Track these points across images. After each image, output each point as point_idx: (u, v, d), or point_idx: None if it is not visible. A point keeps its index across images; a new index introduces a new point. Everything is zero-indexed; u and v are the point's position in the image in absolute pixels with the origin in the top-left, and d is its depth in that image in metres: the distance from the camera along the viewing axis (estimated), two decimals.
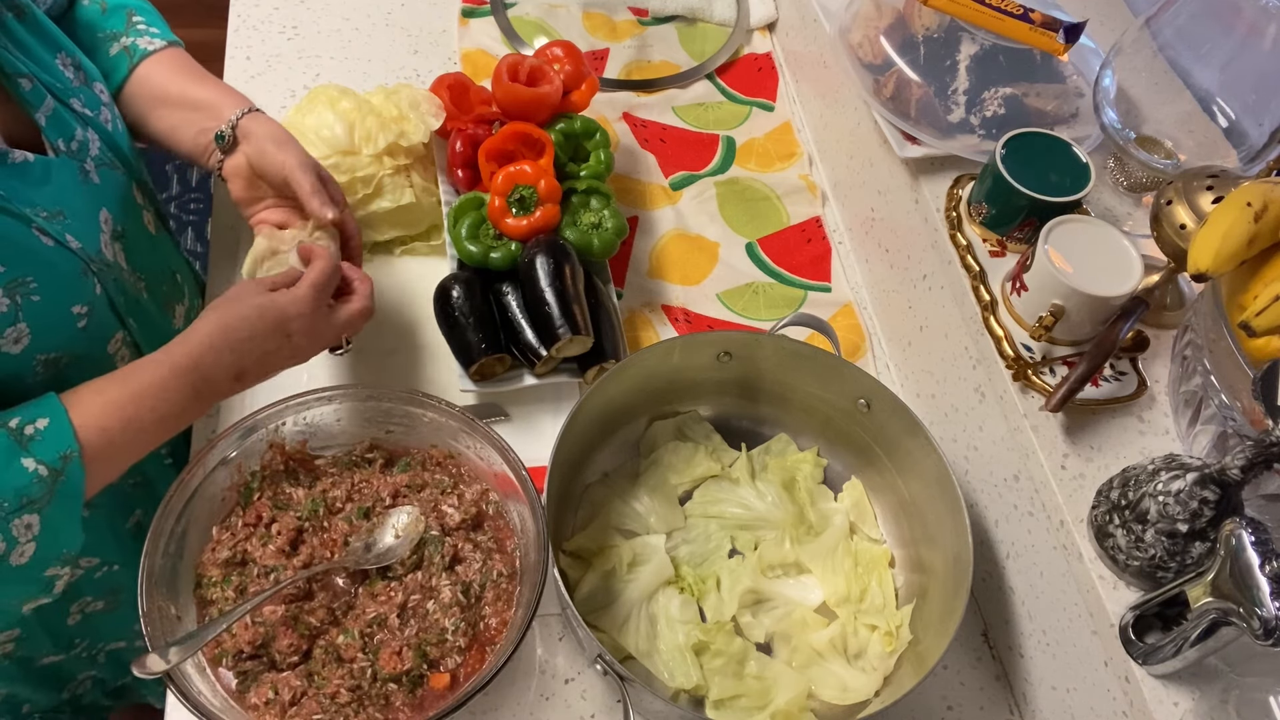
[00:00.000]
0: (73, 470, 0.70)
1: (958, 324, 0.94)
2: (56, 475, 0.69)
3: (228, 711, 0.74)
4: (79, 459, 0.70)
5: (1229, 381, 0.73)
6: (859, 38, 1.06)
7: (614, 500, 0.92)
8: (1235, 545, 0.63)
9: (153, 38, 0.94)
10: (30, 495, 0.68)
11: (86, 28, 0.92)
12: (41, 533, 0.69)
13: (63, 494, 0.69)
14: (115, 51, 0.92)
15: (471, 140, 1.04)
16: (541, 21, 1.32)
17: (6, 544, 0.68)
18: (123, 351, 0.83)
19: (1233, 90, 0.86)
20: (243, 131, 0.89)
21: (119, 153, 0.85)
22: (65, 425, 0.70)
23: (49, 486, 0.69)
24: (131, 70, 0.91)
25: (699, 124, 1.27)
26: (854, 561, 0.91)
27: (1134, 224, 0.94)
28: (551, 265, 0.95)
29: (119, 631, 0.97)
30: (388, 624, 0.80)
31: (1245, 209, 0.70)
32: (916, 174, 1.00)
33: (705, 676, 0.84)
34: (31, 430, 0.69)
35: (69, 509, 0.70)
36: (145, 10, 0.97)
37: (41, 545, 0.70)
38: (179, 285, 0.96)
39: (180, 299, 0.96)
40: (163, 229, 0.95)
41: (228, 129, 0.89)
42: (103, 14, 0.93)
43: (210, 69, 0.96)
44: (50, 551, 0.71)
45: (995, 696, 0.90)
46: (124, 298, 0.83)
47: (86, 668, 0.98)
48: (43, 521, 0.69)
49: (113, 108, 0.86)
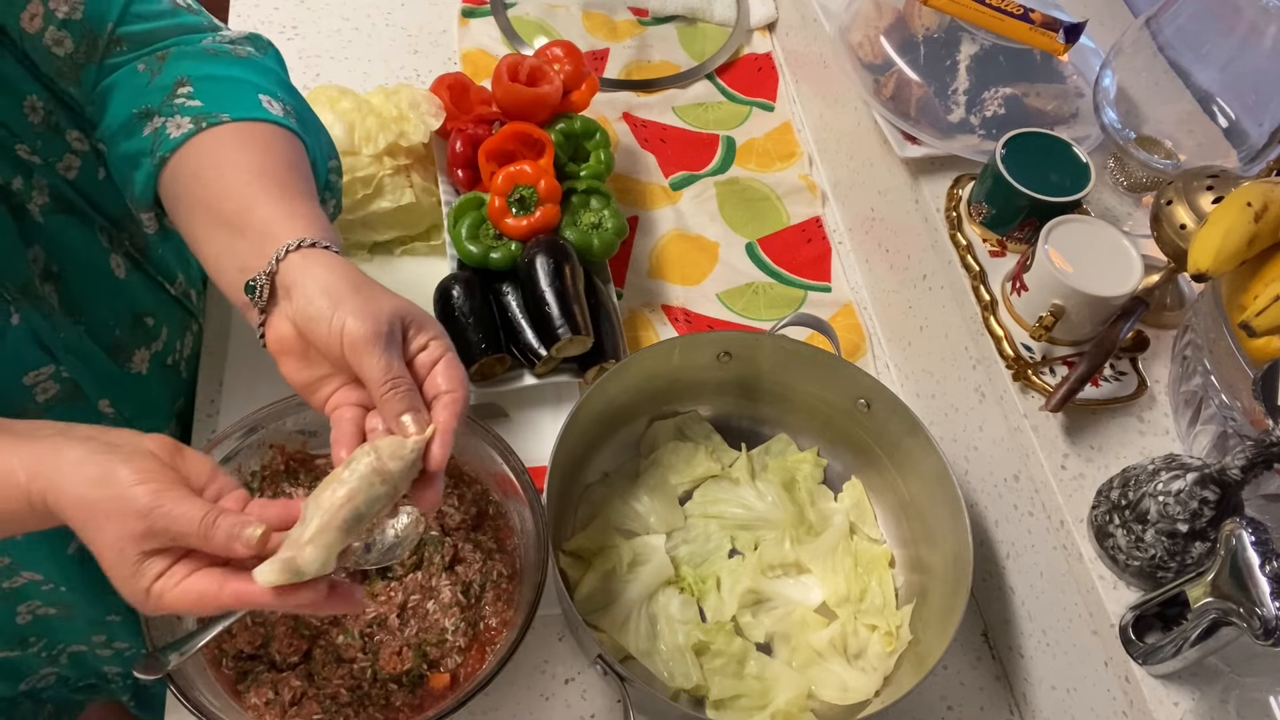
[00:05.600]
0: None
1: (958, 324, 0.94)
2: None
3: (228, 711, 0.74)
4: None
5: (1229, 381, 0.73)
6: (859, 38, 1.06)
7: (614, 500, 0.92)
8: (1235, 545, 0.63)
9: (190, 115, 0.68)
10: None
11: (124, 100, 0.72)
12: None
13: None
14: (146, 134, 0.69)
15: (471, 140, 1.04)
16: (541, 21, 1.32)
17: None
18: (46, 384, 0.75)
19: (1233, 90, 0.86)
20: (285, 281, 0.62)
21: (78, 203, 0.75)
22: None
23: None
24: (162, 164, 0.68)
25: (699, 124, 1.27)
26: (854, 561, 0.91)
27: (1134, 224, 0.94)
28: (551, 265, 0.95)
29: (77, 637, 0.94)
30: (388, 624, 0.80)
31: (1245, 209, 0.70)
32: (916, 174, 1.00)
33: (705, 676, 0.84)
34: None
35: None
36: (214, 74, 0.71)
37: None
38: (147, 329, 0.87)
39: (146, 344, 0.86)
40: (137, 271, 0.84)
41: (262, 277, 0.62)
42: (147, 85, 0.71)
43: None
44: None
45: (995, 696, 0.90)
46: (55, 335, 0.75)
47: (46, 665, 0.95)
48: None
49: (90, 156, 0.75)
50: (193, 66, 0.72)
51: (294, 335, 0.63)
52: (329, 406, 0.65)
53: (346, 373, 0.63)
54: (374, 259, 1.07)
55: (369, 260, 1.07)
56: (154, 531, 0.57)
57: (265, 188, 0.65)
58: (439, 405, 0.63)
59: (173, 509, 0.57)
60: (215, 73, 0.72)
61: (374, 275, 0.88)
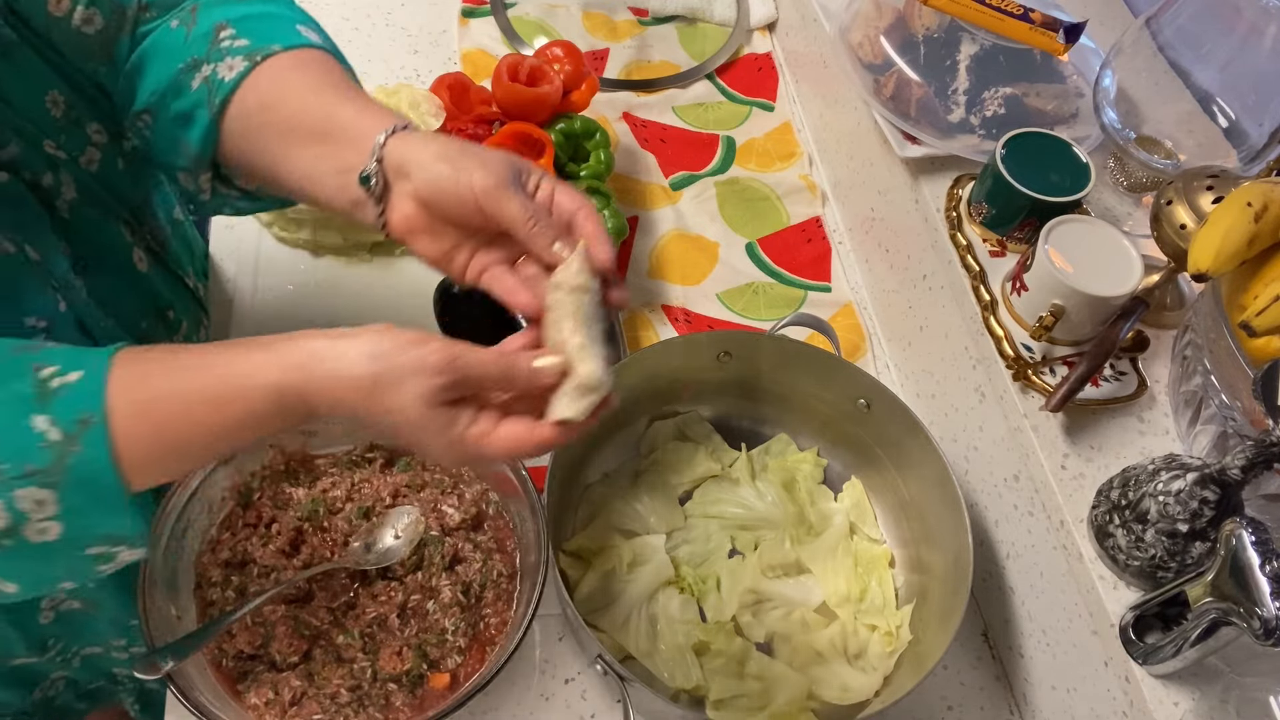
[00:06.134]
0: (91, 441, 0.55)
1: (958, 324, 0.94)
2: (69, 443, 0.55)
3: (227, 711, 0.74)
4: (103, 428, 0.55)
5: (1229, 381, 0.73)
6: (859, 38, 1.06)
7: (614, 500, 0.92)
8: (1235, 545, 0.63)
9: (241, 54, 0.69)
10: (35, 463, 0.55)
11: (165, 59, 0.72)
12: (63, 513, 0.55)
13: (79, 471, 0.55)
14: (197, 86, 0.70)
15: (472, 140, 1.04)
16: (541, 21, 1.32)
17: (14, 518, 0.55)
18: None
19: (1233, 90, 0.86)
20: (395, 163, 0.65)
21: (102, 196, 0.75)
22: (98, 384, 0.56)
23: (59, 456, 0.55)
24: (222, 108, 0.69)
25: (699, 124, 1.27)
26: (854, 561, 0.91)
27: (1134, 224, 0.94)
28: None
29: (96, 637, 0.93)
30: (388, 624, 0.80)
31: (1245, 209, 0.70)
32: (916, 174, 1.00)
33: (705, 676, 0.84)
34: (60, 383, 0.56)
35: (94, 491, 0.56)
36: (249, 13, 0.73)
37: (69, 526, 0.56)
38: (170, 321, 0.87)
39: (169, 337, 0.86)
40: (157, 265, 0.84)
41: (372, 165, 0.65)
42: (186, 40, 0.71)
43: None
44: (82, 533, 0.57)
45: (995, 696, 0.90)
46: (97, 325, 0.75)
47: (59, 669, 0.95)
48: (60, 501, 0.55)
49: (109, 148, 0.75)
50: (227, 10, 0.72)
51: (418, 212, 0.65)
52: (470, 273, 0.68)
53: (477, 235, 0.67)
54: (374, 259, 1.07)
55: (369, 260, 1.07)
56: (455, 383, 0.58)
57: (337, 97, 0.68)
58: (578, 220, 0.67)
59: (470, 355, 0.59)
60: (250, 12, 0.73)
61: (374, 275, 0.89)
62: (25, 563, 0.58)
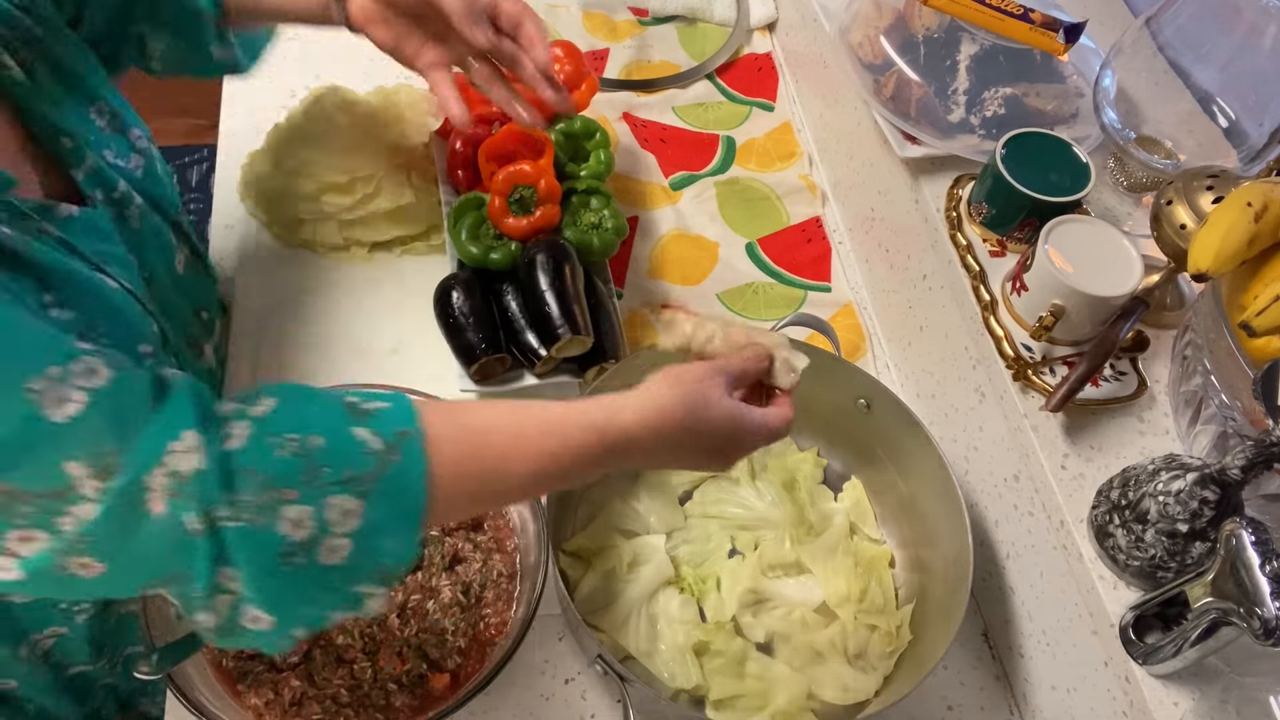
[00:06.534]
0: (409, 451, 0.57)
1: (958, 324, 0.94)
2: (390, 452, 0.57)
3: (227, 711, 0.74)
4: (419, 440, 0.58)
5: (1229, 381, 0.73)
6: (859, 38, 1.06)
7: (614, 500, 0.92)
8: (1235, 545, 0.63)
9: None
10: (355, 469, 0.56)
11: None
12: (361, 529, 0.56)
13: (394, 481, 0.57)
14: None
15: (471, 140, 1.04)
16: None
17: (317, 529, 0.55)
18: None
19: (1233, 90, 0.86)
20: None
21: (153, 197, 0.80)
22: (408, 408, 0.59)
23: (379, 464, 0.56)
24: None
25: (699, 124, 1.27)
26: (854, 561, 0.91)
27: (1134, 224, 0.94)
28: (551, 265, 0.95)
29: (137, 639, 0.93)
30: (388, 624, 0.80)
31: (1245, 209, 0.70)
32: (916, 174, 1.00)
33: (705, 676, 0.84)
34: (371, 406, 0.59)
35: (398, 505, 0.57)
36: None
37: (358, 547, 0.56)
38: (206, 323, 0.90)
39: (208, 337, 0.90)
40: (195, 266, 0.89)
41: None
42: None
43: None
44: (367, 559, 0.57)
45: (995, 696, 0.90)
46: (168, 336, 0.78)
47: (106, 675, 0.95)
48: (365, 512, 0.56)
49: (149, 152, 0.80)
50: None
51: (373, 2, 0.81)
52: (420, 63, 0.84)
53: (425, 27, 0.82)
54: (374, 259, 1.07)
55: (369, 260, 1.07)
56: (734, 379, 0.70)
57: None
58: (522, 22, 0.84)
59: (722, 362, 0.71)
60: None
61: (374, 275, 0.90)
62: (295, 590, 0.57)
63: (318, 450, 0.56)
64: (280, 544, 0.55)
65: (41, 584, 0.54)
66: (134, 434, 0.53)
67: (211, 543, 0.54)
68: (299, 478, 0.55)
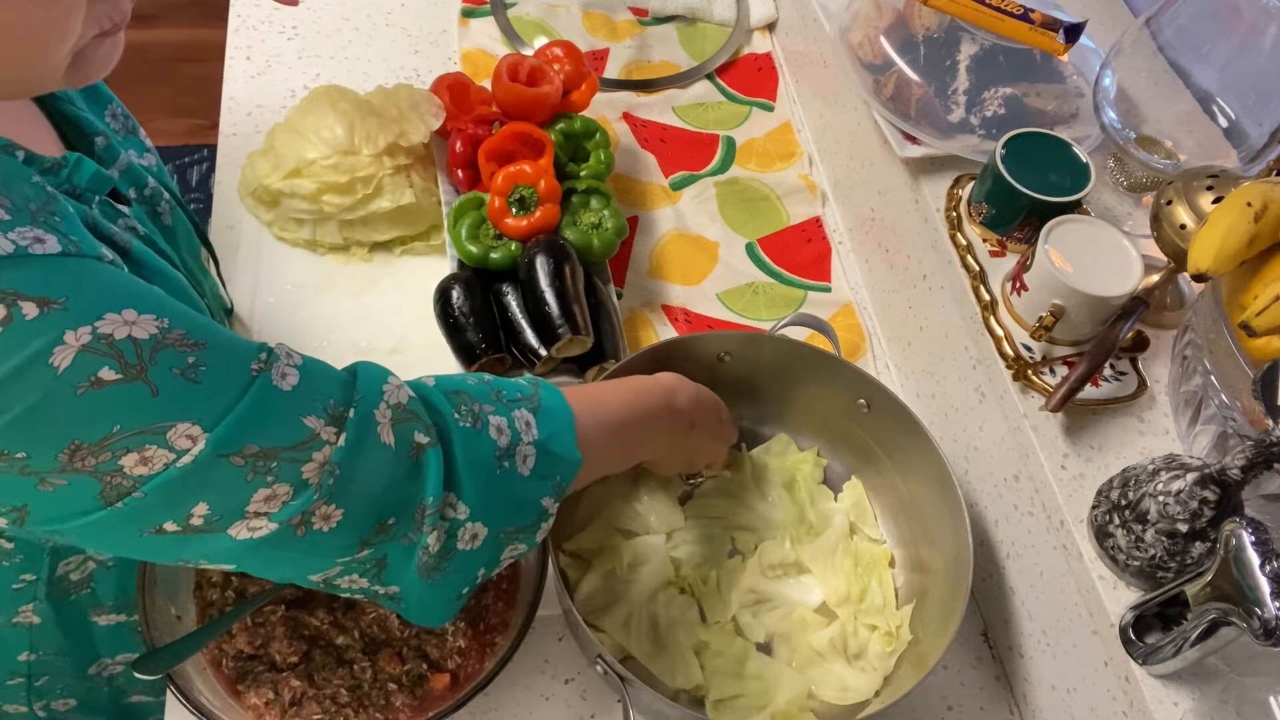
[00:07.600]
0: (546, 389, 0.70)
1: (958, 324, 0.94)
2: (534, 389, 0.70)
3: (227, 711, 0.74)
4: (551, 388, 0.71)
5: (1229, 381, 0.73)
6: (859, 38, 1.06)
7: (614, 500, 0.92)
8: (1235, 545, 0.63)
9: None
10: (522, 394, 0.69)
11: None
12: (540, 439, 0.67)
13: (546, 404, 0.69)
14: None
15: (471, 140, 1.04)
16: (541, 21, 1.32)
17: (513, 436, 0.66)
18: None
19: (1233, 90, 0.86)
20: None
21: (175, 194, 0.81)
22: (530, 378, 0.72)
23: (534, 394, 0.69)
24: None
25: (699, 124, 1.27)
26: (854, 561, 0.91)
27: (1134, 224, 0.94)
28: (551, 265, 0.95)
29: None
30: (388, 624, 0.80)
31: (1245, 209, 0.70)
32: (916, 174, 1.00)
33: (705, 676, 0.84)
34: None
35: (557, 423, 0.68)
36: None
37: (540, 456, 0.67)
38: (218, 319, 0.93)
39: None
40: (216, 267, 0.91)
41: None
42: None
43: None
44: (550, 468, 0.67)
45: (995, 696, 0.90)
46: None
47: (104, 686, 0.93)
48: (538, 424, 0.67)
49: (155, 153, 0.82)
50: None
51: None
52: None
53: None
54: (374, 259, 1.07)
55: (369, 260, 1.07)
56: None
57: None
58: None
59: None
60: None
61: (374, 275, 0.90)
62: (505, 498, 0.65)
63: (494, 380, 0.69)
64: (493, 448, 0.64)
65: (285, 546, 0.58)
66: (350, 386, 0.60)
67: (437, 455, 0.61)
68: (490, 396, 0.67)
